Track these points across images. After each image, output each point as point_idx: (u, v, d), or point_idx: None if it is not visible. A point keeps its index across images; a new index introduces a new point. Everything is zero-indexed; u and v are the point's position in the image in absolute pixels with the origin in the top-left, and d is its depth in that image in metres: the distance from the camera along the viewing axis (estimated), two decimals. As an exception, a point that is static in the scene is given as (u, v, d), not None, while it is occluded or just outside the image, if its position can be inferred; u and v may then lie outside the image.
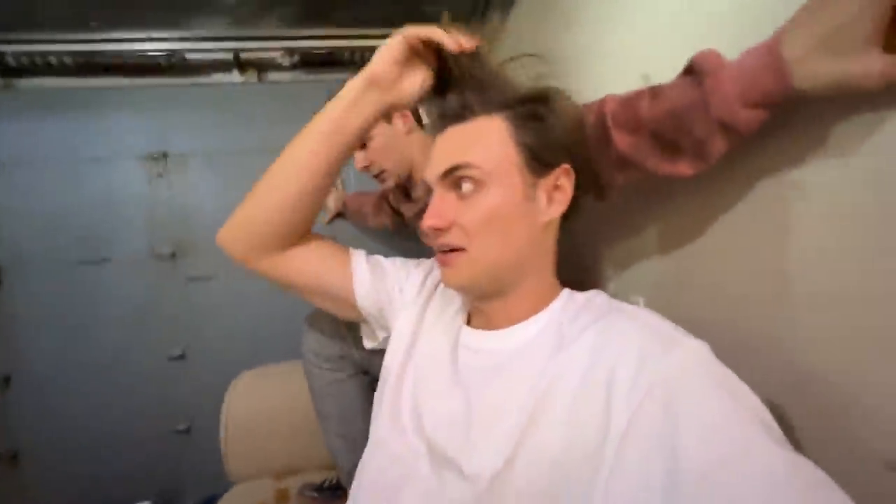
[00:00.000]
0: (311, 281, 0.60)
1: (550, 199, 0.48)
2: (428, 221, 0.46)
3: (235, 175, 1.46)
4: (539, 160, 0.47)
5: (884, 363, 0.38)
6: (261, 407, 1.13)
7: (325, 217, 1.48)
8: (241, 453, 1.07)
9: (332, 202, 1.45)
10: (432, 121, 0.50)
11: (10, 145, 1.33)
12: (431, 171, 0.49)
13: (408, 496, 0.45)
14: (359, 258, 0.61)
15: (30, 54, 1.30)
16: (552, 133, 0.47)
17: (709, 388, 0.34)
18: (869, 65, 0.33)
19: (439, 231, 0.47)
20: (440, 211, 0.47)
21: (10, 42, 1.27)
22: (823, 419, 0.41)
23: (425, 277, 0.61)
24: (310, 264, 0.59)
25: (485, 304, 0.51)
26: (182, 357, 1.42)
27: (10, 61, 1.30)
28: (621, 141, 0.49)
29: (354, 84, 0.52)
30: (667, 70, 0.48)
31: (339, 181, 1.51)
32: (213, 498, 1.15)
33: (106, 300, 1.36)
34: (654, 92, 0.47)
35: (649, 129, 0.47)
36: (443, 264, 0.48)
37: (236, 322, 1.43)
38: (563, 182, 0.48)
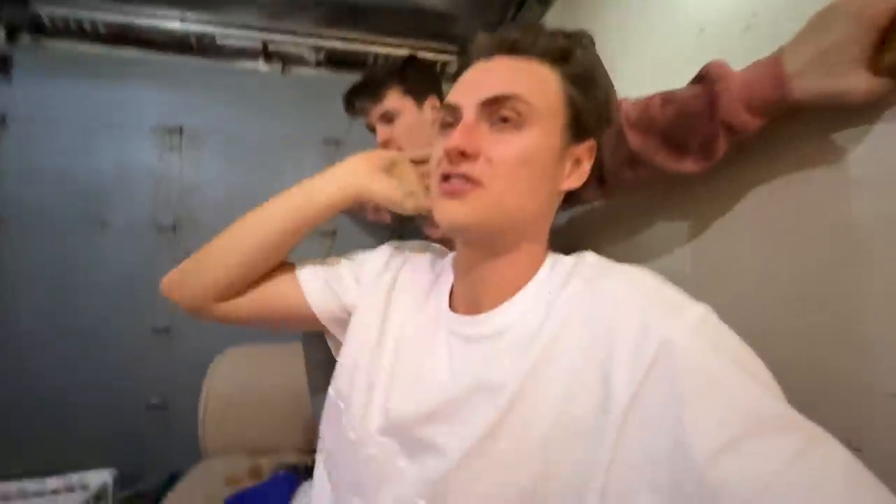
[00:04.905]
0: (267, 316, 0.56)
1: (571, 172, 0.45)
2: (454, 142, 0.40)
3: (245, 159, 1.49)
4: (578, 126, 0.43)
5: (850, 356, 0.42)
6: (243, 384, 1.12)
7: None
8: (218, 428, 1.06)
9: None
10: (477, 45, 0.46)
11: (28, 102, 1.34)
12: (469, 95, 0.42)
13: (385, 495, 0.43)
14: (306, 273, 0.56)
15: (65, 18, 1.33)
16: (596, 102, 0.44)
17: (716, 358, 0.31)
18: (857, 82, 0.38)
19: (463, 157, 0.40)
20: (471, 136, 0.41)
21: (47, 3, 1.31)
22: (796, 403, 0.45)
23: (388, 259, 0.57)
24: (261, 302, 0.55)
25: (474, 274, 0.46)
26: (167, 330, 1.40)
27: (45, 21, 1.34)
28: (634, 139, 0.54)
29: (343, 195, 0.52)
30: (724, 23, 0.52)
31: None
32: (178, 474, 1.12)
33: (100, 264, 1.35)
34: (666, 96, 0.52)
35: (661, 129, 0.52)
36: (451, 194, 0.41)
37: None
38: (584, 158, 0.45)
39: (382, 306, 0.52)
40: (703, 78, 0.48)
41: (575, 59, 0.44)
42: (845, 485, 0.25)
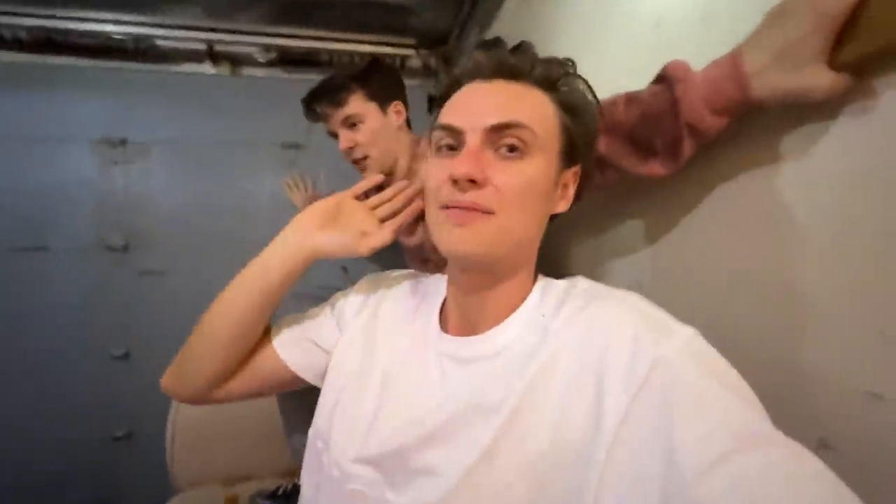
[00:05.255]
0: (262, 390, 0.57)
1: (561, 196, 0.46)
2: (464, 168, 0.39)
3: (199, 168, 1.40)
4: (570, 152, 0.44)
5: (818, 352, 0.42)
6: (211, 411, 1.06)
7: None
8: (188, 459, 1.01)
9: (300, 203, 1.42)
10: (474, 65, 0.44)
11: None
12: (474, 119, 0.41)
13: None
14: (281, 339, 0.55)
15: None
16: (585, 128, 0.44)
17: (706, 378, 0.32)
18: (817, 79, 0.37)
19: (473, 184, 0.40)
20: (479, 163, 0.40)
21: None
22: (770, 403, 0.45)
23: (366, 295, 0.57)
24: (250, 381, 0.55)
25: (471, 298, 0.46)
26: (126, 357, 1.32)
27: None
28: (601, 142, 0.52)
29: (295, 264, 0.51)
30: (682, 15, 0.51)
31: (309, 181, 1.48)
32: (151, 509, 1.07)
33: (44, 291, 1.26)
34: (630, 97, 0.50)
35: (625, 132, 0.50)
36: (461, 223, 0.40)
37: (189, 321, 1.35)
38: (570, 182, 0.46)
39: (364, 340, 0.52)
40: (664, 78, 0.47)
41: (567, 87, 0.44)
42: (822, 494, 0.27)
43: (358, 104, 0.90)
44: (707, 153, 0.49)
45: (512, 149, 0.41)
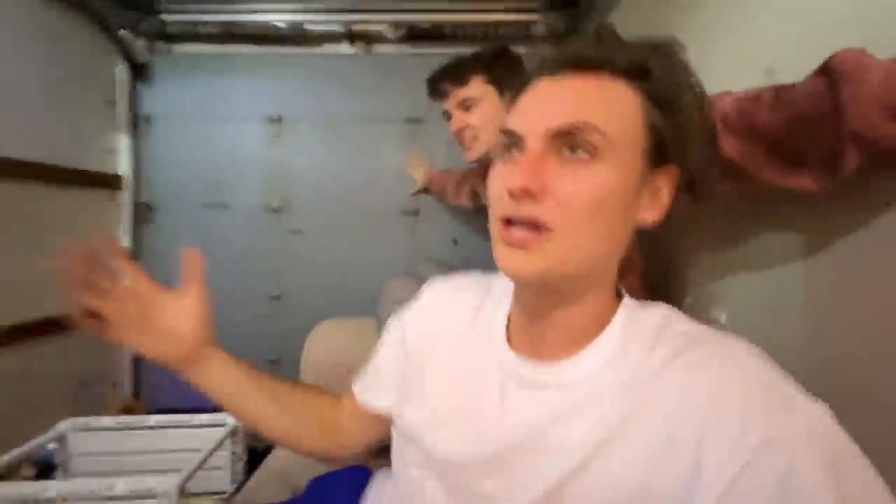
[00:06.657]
0: (378, 436, 0.58)
1: (651, 203, 0.40)
2: (519, 181, 0.35)
3: (337, 141, 1.58)
4: (659, 152, 0.38)
5: None
6: (336, 354, 1.25)
7: (411, 189, 1.54)
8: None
9: (420, 179, 1.51)
10: (541, 59, 0.40)
11: (162, 103, 1.58)
12: (534, 122, 0.37)
13: None
14: (361, 391, 0.58)
15: (187, 22, 1.51)
16: (682, 128, 0.38)
17: (830, 478, 0.28)
18: None
19: (529, 196, 0.36)
20: (536, 172, 0.36)
21: (173, 11, 1.49)
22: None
23: (424, 308, 0.55)
24: (361, 437, 0.59)
25: (539, 318, 0.42)
26: (278, 298, 1.61)
27: (173, 29, 1.53)
28: (730, 147, 0.45)
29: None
30: (795, 63, 0.42)
31: (427, 159, 1.55)
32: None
33: (226, 239, 1.60)
34: (778, 94, 0.41)
35: (767, 138, 0.42)
36: (518, 244, 0.37)
37: (323, 272, 1.60)
38: (663, 187, 0.39)
39: (420, 349, 0.52)
40: (828, 72, 0.37)
41: (658, 77, 0.37)
42: None
43: (478, 86, 0.93)
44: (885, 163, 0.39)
45: (577, 152, 0.36)
